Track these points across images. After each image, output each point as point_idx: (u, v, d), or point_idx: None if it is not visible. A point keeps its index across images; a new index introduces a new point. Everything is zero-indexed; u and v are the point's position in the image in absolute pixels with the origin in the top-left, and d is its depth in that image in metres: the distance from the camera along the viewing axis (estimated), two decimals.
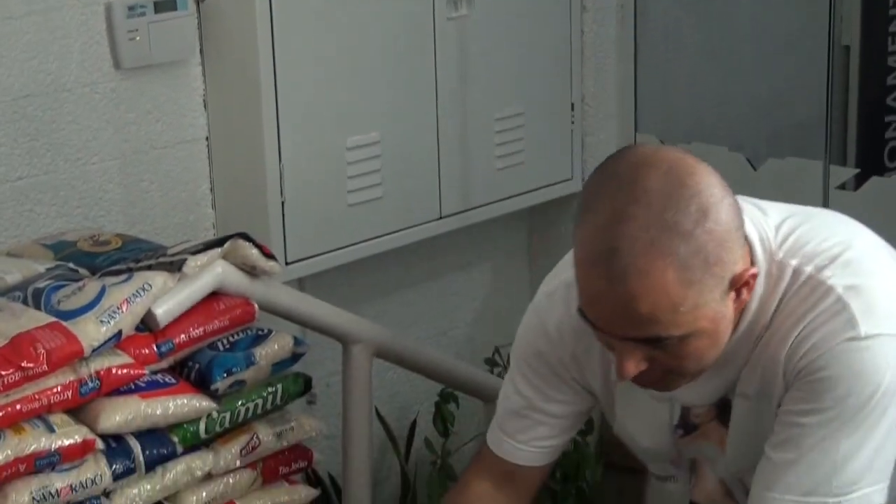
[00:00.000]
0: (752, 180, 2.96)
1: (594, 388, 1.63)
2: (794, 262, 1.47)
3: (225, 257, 1.94)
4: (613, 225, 1.33)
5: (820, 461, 1.45)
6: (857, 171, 3.08)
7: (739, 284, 1.41)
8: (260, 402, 1.91)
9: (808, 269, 1.46)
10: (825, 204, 2.87)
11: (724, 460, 1.59)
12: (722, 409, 1.57)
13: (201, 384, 1.86)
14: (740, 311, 1.46)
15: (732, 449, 1.57)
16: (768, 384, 1.49)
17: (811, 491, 1.45)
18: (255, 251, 1.95)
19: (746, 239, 1.45)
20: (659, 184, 1.32)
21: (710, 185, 1.35)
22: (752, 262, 1.46)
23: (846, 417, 1.44)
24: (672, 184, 1.33)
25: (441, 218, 2.78)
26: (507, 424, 1.65)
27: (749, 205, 1.49)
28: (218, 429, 1.86)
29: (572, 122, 3.02)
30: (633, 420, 1.64)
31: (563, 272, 1.59)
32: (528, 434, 1.65)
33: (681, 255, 1.31)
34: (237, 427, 1.89)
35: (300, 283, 2.55)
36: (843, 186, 2.97)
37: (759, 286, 1.46)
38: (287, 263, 2.49)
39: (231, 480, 1.88)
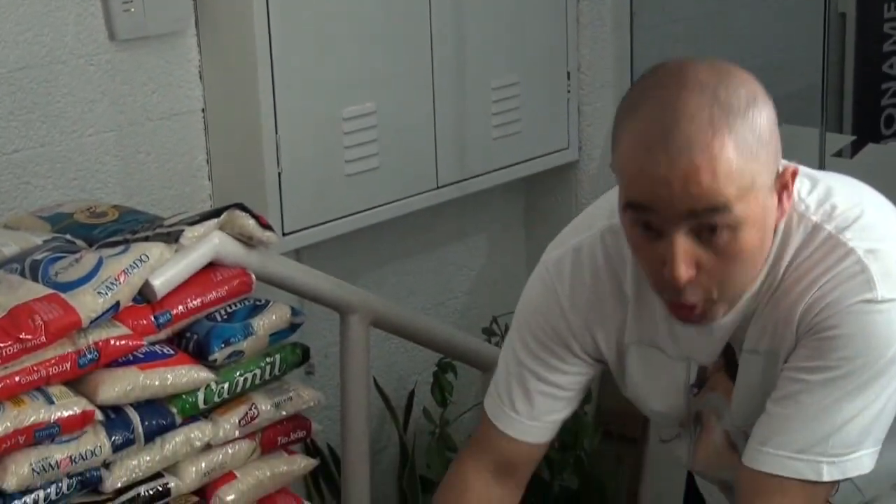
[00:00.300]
0: None
1: (605, 356, 1.63)
2: (815, 219, 1.48)
3: (222, 228, 1.94)
4: (668, 110, 1.37)
5: (819, 421, 1.45)
6: (854, 138, 3.09)
7: (784, 180, 1.43)
8: (258, 372, 1.92)
9: (829, 227, 1.47)
10: (822, 171, 2.88)
11: (730, 413, 1.59)
12: (729, 361, 1.57)
13: (199, 355, 1.86)
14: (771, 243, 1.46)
15: (738, 403, 1.57)
16: (779, 340, 1.49)
17: (805, 449, 1.45)
18: (252, 221, 1.95)
19: None
20: (706, 73, 1.39)
21: (752, 80, 1.42)
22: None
23: (852, 379, 1.44)
24: (720, 72, 1.39)
25: (438, 188, 2.78)
26: (514, 400, 1.64)
27: None
28: (216, 399, 1.86)
29: (568, 91, 3.02)
30: (649, 383, 1.64)
31: (571, 238, 1.61)
32: (537, 409, 1.64)
33: (738, 129, 1.36)
34: (235, 398, 1.89)
35: (297, 254, 2.55)
36: (839, 154, 2.98)
37: (778, 236, 1.47)
38: (284, 234, 2.49)
39: (230, 451, 1.88)
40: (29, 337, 1.66)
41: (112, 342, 1.75)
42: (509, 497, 1.69)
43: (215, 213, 1.94)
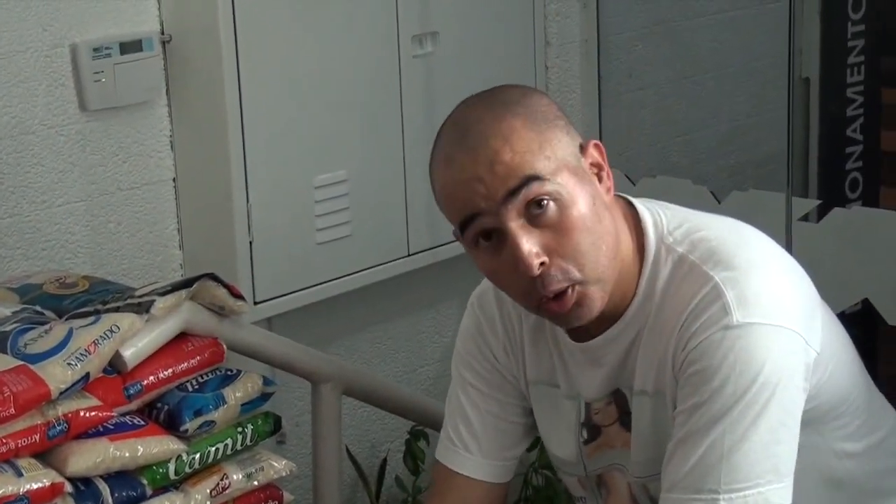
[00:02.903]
0: (716, 213, 2.99)
1: (522, 388, 1.67)
2: (680, 249, 1.52)
3: (193, 298, 1.94)
4: (458, 127, 1.48)
5: (706, 456, 1.44)
6: (819, 202, 3.11)
7: (592, 158, 1.50)
8: (230, 442, 1.90)
9: (692, 257, 1.51)
10: (788, 235, 2.90)
11: (631, 464, 1.60)
12: (622, 411, 1.58)
13: (171, 425, 1.85)
14: (639, 276, 1.52)
15: (636, 452, 1.58)
16: (663, 381, 1.51)
17: (700, 488, 1.44)
18: (223, 291, 1.95)
19: (639, 221, 1.54)
20: (481, 96, 1.51)
21: (528, 88, 1.55)
22: (643, 244, 1.53)
23: (725, 409, 1.44)
24: (493, 91, 1.52)
25: (409, 255, 2.79)
26: (463, 438, 1.67)
27: (646, 200, 1.58)
28: (188, 470, 1.85)
29: None
30: (548, 423, 1.66)
31: None
32: (487, 443, 1.66)
33: (521, 112, 1.46)
34: (207, 468, 1.88)
35: (269, 323, 2.54)
36: (805, 218, 3.00)
37: (648, 265, 1.52)
38: (255, 303, 2.49)
39: None
40: None
41: (82, 413, 1.74)
42: None
43: (187, 283, 1.94)
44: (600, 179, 1.50)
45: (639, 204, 1.56)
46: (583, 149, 1.50)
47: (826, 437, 1.54)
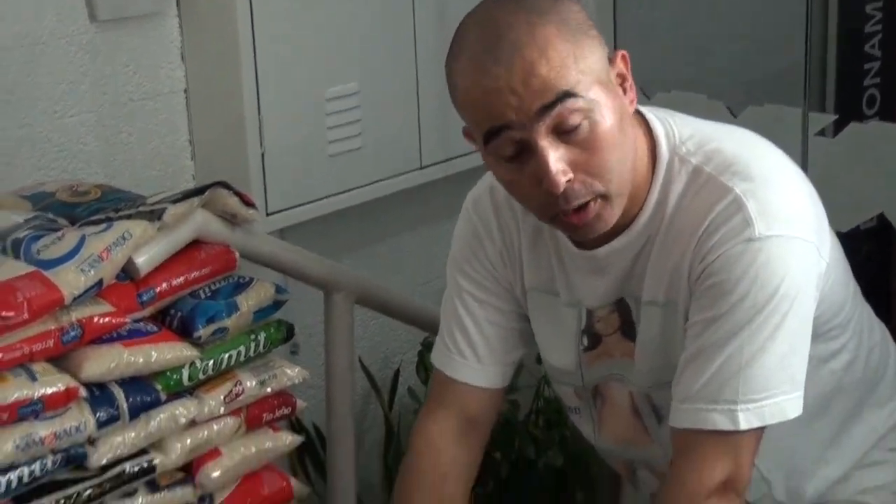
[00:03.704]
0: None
1: (518, 295, 1.66)
2: (695, 160, 1.51)
3: (205, 206, 1.94)
4: (488, 31, 1.42)
5: (724, 368, 1.46)
6: (836, 117, 3.08)
7: (619, 70, 1.47)
8: (243, 349, 1.92)
9: (708, 168, 1.50)
10: (804, 150, 2.88)
11: (633, 374, 1.60)
12: (624, 321, 1.59)
13: (184, 332, 1.86)
14: (650, 174, 1.50)
15: (641, 361, 1.59)
16: (676, 290, 1.51)
17: (716, 398, 1.46)
18: (234, 199, 1.95)
19: (651, 132, 1.52)
20: (512, 5, 1.44)
21: None
22: (656, 155, 1.51)
23: (745, 321, 1.45)
24: (525, 1, 1.44)
25: (422, 168, 2.78)
26: (459, 344, 1.68)
27: (656, 109, 1.56)
28: (201, 376, 1.86)
29: None
30: (544, 330, 1.67)
31: (486, 180, 1.67)
32: (482, 348, 1.67)
33: (554, 21, 1.42)
34: (220, 375, 1.89)
35: (281, 235, 2.55)
36: (822, 133, 2.98)
37: (660, 176, 1.51)
38: (268, 214, 2.49)
39: (215, 427, 1.88)
40: (11, 314, 1.66)
41: (95, 319, 1.75)
42: (474, 454, 1.71)
43: (198, 191, 1.93)
44: (624, 91, 1.48)
45: (648, 113, 1.55)
46: (611, 60, 1.47)
47: (818, 348, 1.55)
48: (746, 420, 1.46)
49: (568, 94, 1.40)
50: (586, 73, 1.42)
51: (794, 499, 1.68)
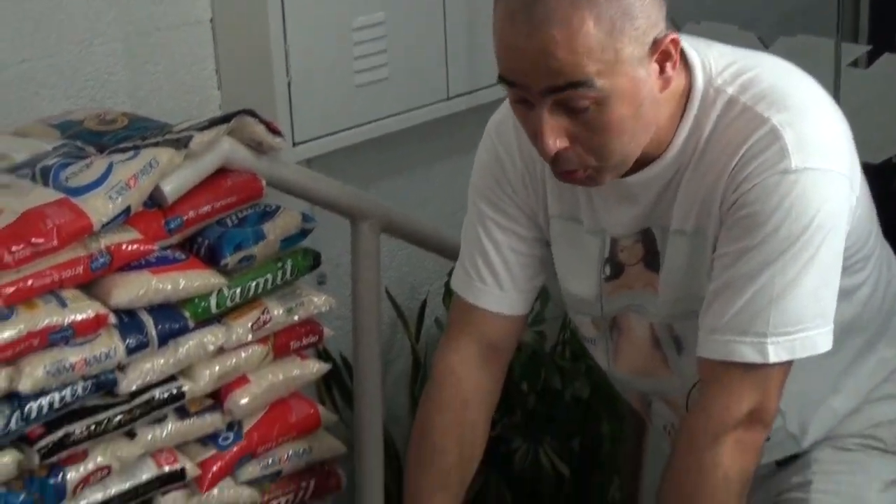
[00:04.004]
0: None
1: (540, 222, 1.65)
2: (730, 90, 1.49)
3: (231, 134, 1.93)
4: None
5: (755, 299, 1.45)
6: (869, 48, 3.04)
7: (661, 49, 1.42)
8: (270, 277, 1.92)
9: (744, 98, 1.48)
10: (837, 81, 2.85)
11: (655, 304, 1.59)
12: (648, 251, 1.58)
13: (211, 260, 1.87)
14: (675, 124, 1.47)
15: (665, 291, 1.58)
16: (705, 219, 1.50)
17: (746, 330, 1.45)
18: (261, 127, 1.95)
19: (687, 61, 1.49)
20: None
21: None
22: (691, 84, 1.48)
23: (778, 253, 1.44)
24: None
25: (448, 99, 2.76)
26: (480, 270, 1.67)
27: (694, 39, 1.53)
28: (229, 304, 1.87)
29: None
30: (566, 258, 1.66)
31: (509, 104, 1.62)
32: (503, 274, 1.66)
33: (600, 3, 1.35)
34: (247, 302, 1.90)
35: (308, 164, 2.54)
36: (854, 63, 2.94)
37: (694, 107, 1.49)
38: (294, 145, 2.48)
39: (243, 355, 1.90)
40: (41, 241, 1.67)
41: (124, 246, 1.76)
42: (495, 381, 1.72)
43: (224, 119, 1.93)
44: (662, 71, 1.44)
45: (685, 43, 1.53)
46: (657, 42, 1.41)
47: (842, 282, 1.53)
48: (776, 353, 1.46)
49: (580, 84, 1.38)
50: (612, 62, 1.37)
51: (806, 431, 1.69)
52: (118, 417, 1.76)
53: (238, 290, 1.88)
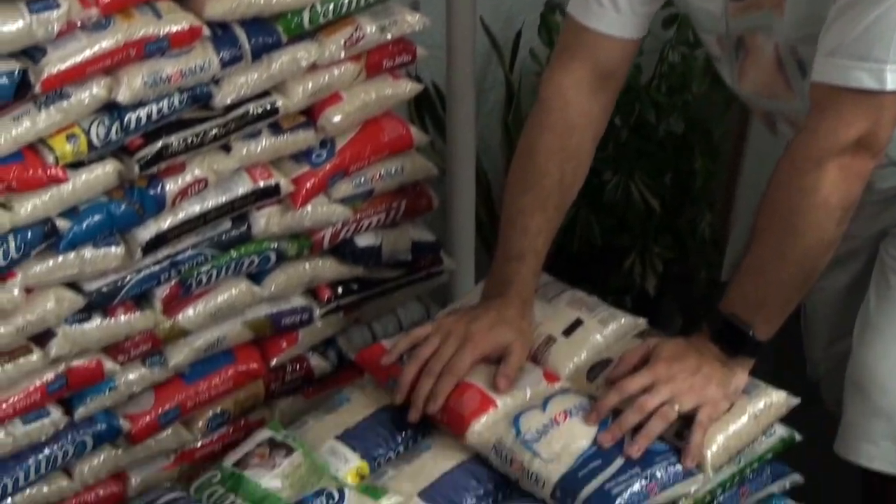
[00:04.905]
0: None
1: None
2: None
3: None
4: None
5: (878, 23, 1.40)
6: None
7: None
8: None
9: None
10: None
11: (781, 25, 1.55)
12: None
13: None
14: None
15: (792, 7, 1.53)
16: None
17: (866, 55, 1.41)
18: None
19: None
20: None
21: None
22: None
23: None
24: None
25: None
26: None
27: None
28: (321, 20, 1.85)
29: None
30: None
31: None
32: None
33: None
34: (340, 19, 1.88)
35: None
36: None
37: None
38: None
39: (336, 72, 1.89)
40: None
41: None
42: (604, 109, 1.70)
43: None
44: None
45: None
46: None
47: None
48: (894, 81, 1.41)
49: None
50: None
51: None
52: (214, 131, 1.78)
53: (331, 7, 1.86)
